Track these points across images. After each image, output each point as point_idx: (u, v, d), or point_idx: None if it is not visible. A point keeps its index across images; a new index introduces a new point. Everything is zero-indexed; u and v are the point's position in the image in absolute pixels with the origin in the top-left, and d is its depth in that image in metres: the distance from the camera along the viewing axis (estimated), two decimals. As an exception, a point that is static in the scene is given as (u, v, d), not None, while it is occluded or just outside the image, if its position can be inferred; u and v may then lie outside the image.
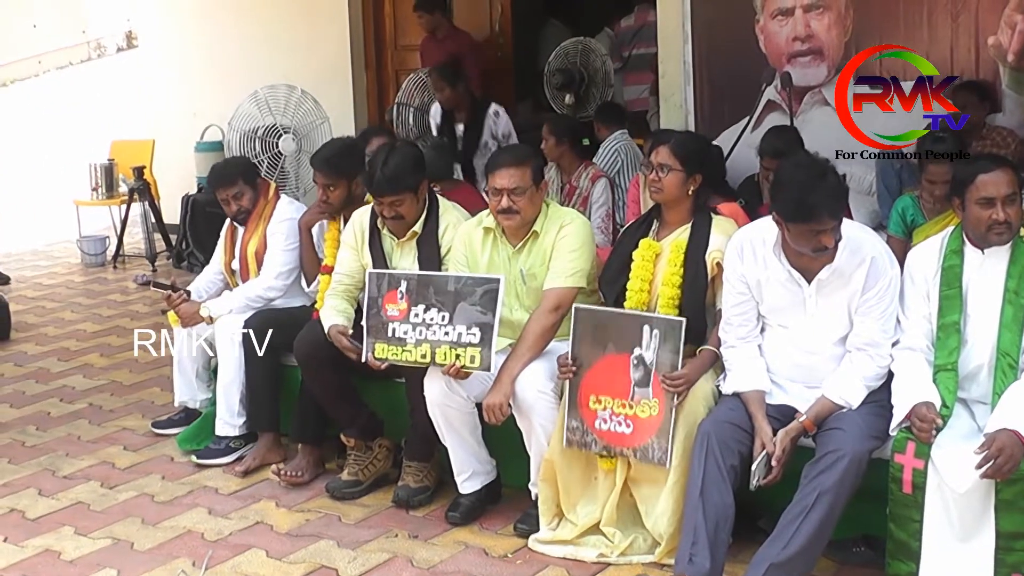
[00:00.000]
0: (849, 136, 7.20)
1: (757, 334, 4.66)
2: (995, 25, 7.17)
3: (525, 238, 5.12)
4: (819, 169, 4.35)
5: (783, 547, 4.17)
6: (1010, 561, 4.02)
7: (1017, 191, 4.29)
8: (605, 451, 4.71)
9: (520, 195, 5.01)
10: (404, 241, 5.40)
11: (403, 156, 5.34)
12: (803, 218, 4.26)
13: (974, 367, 4.33)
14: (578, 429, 4.73)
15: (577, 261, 5.03)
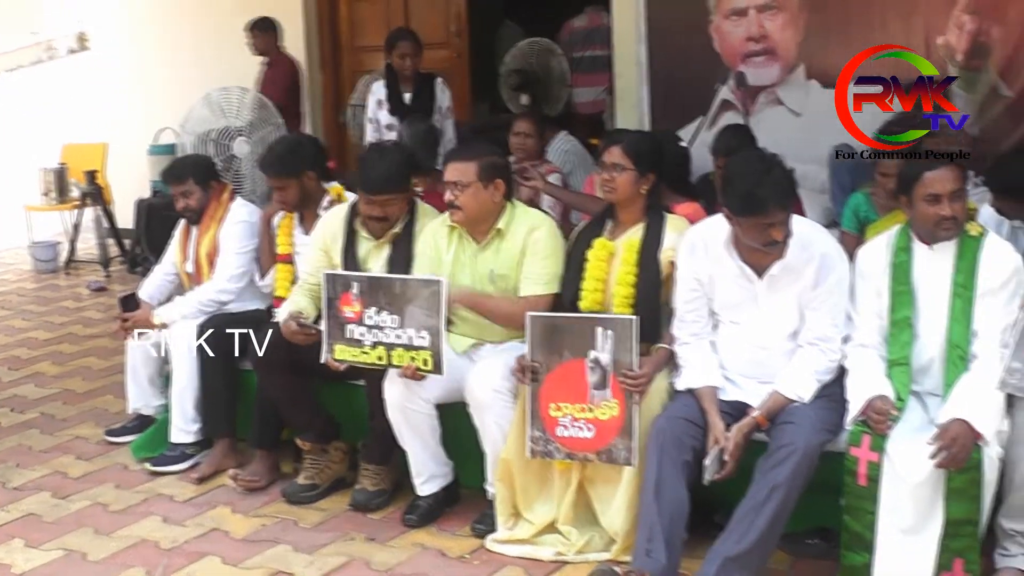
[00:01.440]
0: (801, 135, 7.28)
1: (710, 330, 4.68)
2: (945, 25, 7.22)
3: (489, 236, 5.12)
4: (767, 163, 4.39)
5: (738, 541, 4.20)
6: (954, 547, 4.08)
7: (962, 187, 4.36)
8: (569, 458, 4.71)
9: (462, 190, 5.02)
10: (381, 243, 5.39)
11: (395, 156, 5.36)
12: (752, 211, 4.30)
13: (926, 360, 4.39)
14: (540, 439, 4.72)
15: (553, 266, 5.05)
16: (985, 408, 4.10)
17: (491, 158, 5.15)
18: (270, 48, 10.07)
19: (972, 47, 7.15)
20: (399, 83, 8.30)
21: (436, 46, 10.29)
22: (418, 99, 8.21)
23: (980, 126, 7.15)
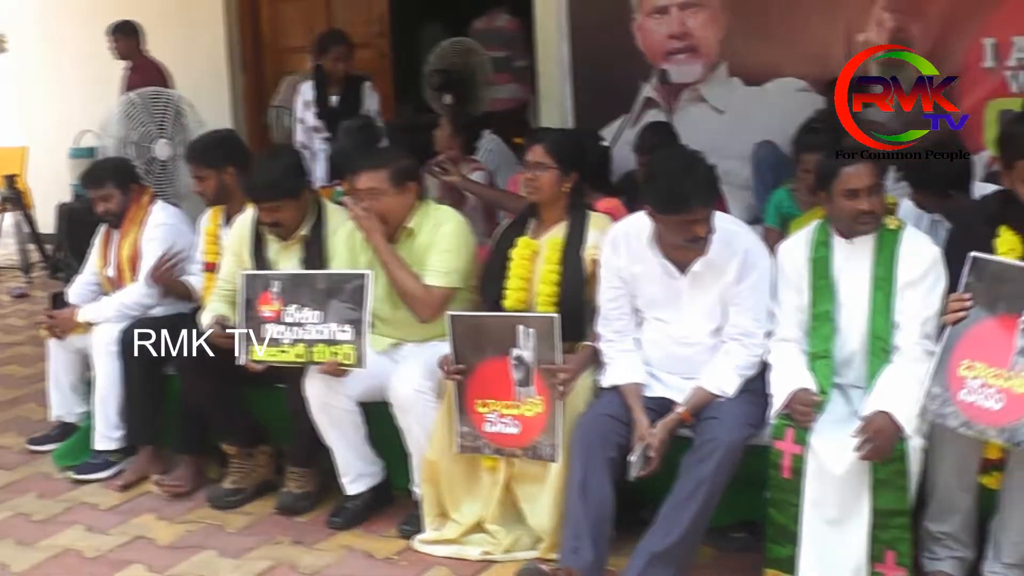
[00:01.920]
0: (724, 132, 7.33)
1: (633, 328, 4.70)
2: (865, 22, 7.31)
3: (400, 237, 5.12)
4: (689, 160, 4.41)
5: (663, 537, 4.22)
6: (884, 538, 4.12)
7: (879, 181, 4.40)
8: (497, 453, 4.72)
9: (376, 198, 5.02)
10: (290, 244, 5.36)
11: (281, 162, 5.32)
12: (675, 208, 4.31)
13: (848, 353, 4.42)
14: (469, 434, 4.73)
15: (453, 260, 5.06)
16: (908, 400, 4.13)
17: (400, 163, 5.15)
18: (132, 52, 9.98)
19: (892, 44, 7.22)
20: (327, 86, 8.27)
21: (359, 47, 10.18)
22: (345, 102, 8.18)
23: (902, 122, 7.21)
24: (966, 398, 3.98)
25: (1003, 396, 3.93)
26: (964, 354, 4.04)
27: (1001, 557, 4.14)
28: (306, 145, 8.36)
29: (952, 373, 4.04)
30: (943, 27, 7.11)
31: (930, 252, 4.36)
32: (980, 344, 4.02)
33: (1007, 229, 4.26)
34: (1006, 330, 3.98)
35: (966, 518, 4.21)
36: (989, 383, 3.95)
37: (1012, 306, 3.99)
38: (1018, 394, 3.90)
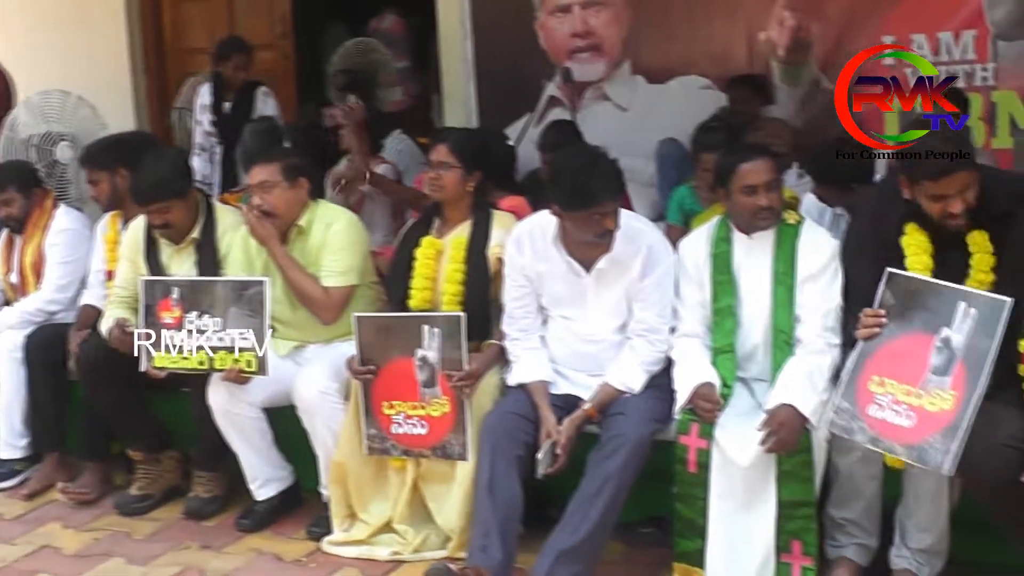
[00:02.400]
0: (628, 130, 7.37)
1: (539, 325, 4.72)
2: (767, 21, 7.37)
3: (292, 235, 5.12)
4: (593, 156, 4.46)
5: (572, 533, 4.24)
6: (790, 528, 4.18)
7: (778, 177, 4.47)
8: (405, 455, 4.73)
9: (268, 191, 5.02)
10: (182, 248, 5.32)
11: (166, 163, 5.28)
12: (583, 204, 4.34)
13: (751, 347, 4.48)
14: (376, 436, 4.73)
15: (348, 258, 5.08)
16: (811, 392, 4.19)
17: (292, 159, 5.19)
18: None
19: (793, 42, 7.30)
20: (223, 92, 8.22)
21: (262, 48, 10.12)
22: (238, 108, 8.16)
23: (803, 119, 7.33)
24: (876, 414, 3.94)
25: (914, 414, 3.87)
26: (875, 370, 3.99)
27: (908, 542, 4.20)
28: (204, 147, 8.33)
29: (862, 388, 3.99)
30: (843, 25, 7.18)
31: (829, 246, 4.43)
32: (892, 361, 3.97)
33: (914, 227, 4.18)
34: (920, 348, 3.91)
35: (870, 504, 4.26)
36: (900, 400, 3.89)
37: (928, 325, 3.92)
38: (930, 412, 3.84)
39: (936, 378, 3.86)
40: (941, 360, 3.86)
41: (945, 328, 3.87)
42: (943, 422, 3.81)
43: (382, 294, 5.20)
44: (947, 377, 3.85)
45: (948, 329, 3.86)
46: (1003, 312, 3.79)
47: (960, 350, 3.82)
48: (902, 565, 4.21)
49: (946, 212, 4.00)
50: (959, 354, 3.83)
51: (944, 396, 3.83)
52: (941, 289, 3.95)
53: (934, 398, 3.85)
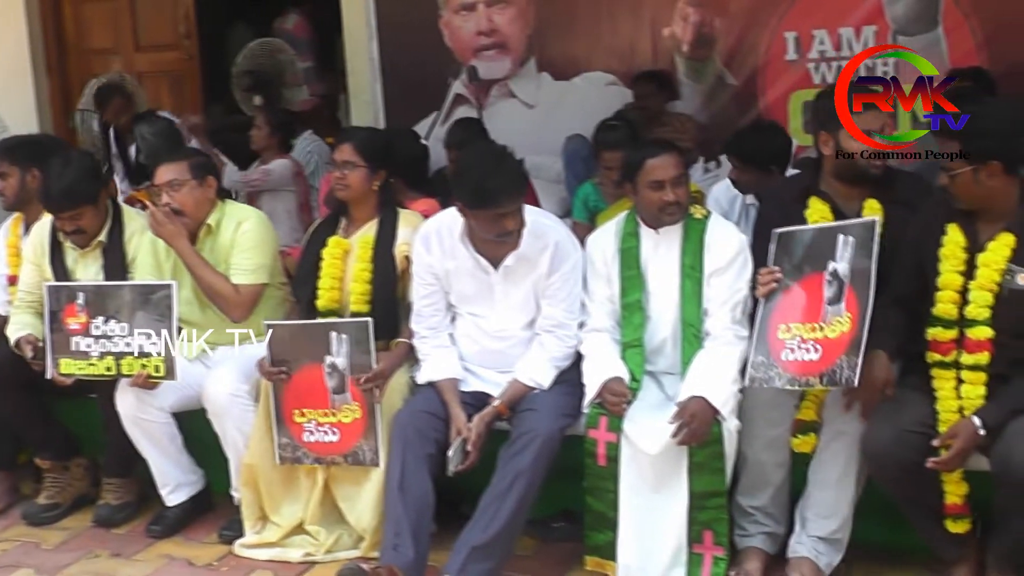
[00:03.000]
0: (535, 127, 7.39)
1: (448, 323, 4.73)
2: (670, 17, 7.44)
3: (201, 235, 5.09)
4: (497, 155, 4.47)
5: (484, 530, 4.25)
6: (702, 519, 4.23)
7: (684, 172, 4.51)
8: (317, 462, 4.71)
9: (177, 189, 4.99)
10: (88, 251, 5.25)
11: (77, 168, 5.17)
12: (485, 203, 4.35)
13: (659, 341, 4.52)
14: (288, 445, 4.71)
15: (258, 257, 5.06)
16: (721, 384, 4.25)
17: (199, 157, 5.18)
18: None
19: (697, 38, 7.40)
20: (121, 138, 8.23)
21: (166, 48, 10.08)
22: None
23: (708, 114, 7.42)
24: (788, 357, 4.15)
25: (819, 346, 4.11)
26: (780, 319, 4.22)
27: (808, 530, 4.26)
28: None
29: (772, 339, 4.21)
30: (746, 21, 7.29)
31: (737, 239, 4.49)
32: (793, 307, 4.22)
33: (816, 199, 4.43)
34: (815, 287, 4.19)
35: (778, 492, 4.34)
36: (806, 338, 4.14)
37: (816, 265, 4.20)
38: (832, 339, 4.09)
39: (832, 307, 4.14)
40: (833, 291, 4.16)
41: (831, 262, 4.15)
42: (845, 343, 4.06)
43: (290, 295, 5.17)
44: (841, 304, 4.13)
45: (833, 262, 4.14)
46: (874, 230, 4.10)
47: (847, 276, 4.13)
48: (802, 552, 4.26)
49: (870, 151, 4.28)
50: (846, 280, 4.13)
51: (842, 320, 4.10)
52: (821, 231, 4.27)
53: (834, 326, 4.11)
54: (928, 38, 6.95)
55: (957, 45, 6.88)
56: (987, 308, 3.98)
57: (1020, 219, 4.01)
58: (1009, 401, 3.92)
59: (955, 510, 4.08)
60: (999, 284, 3.97)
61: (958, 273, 4.04)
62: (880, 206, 4.33)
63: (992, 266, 3.98)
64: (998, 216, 4.02)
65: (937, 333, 4.06)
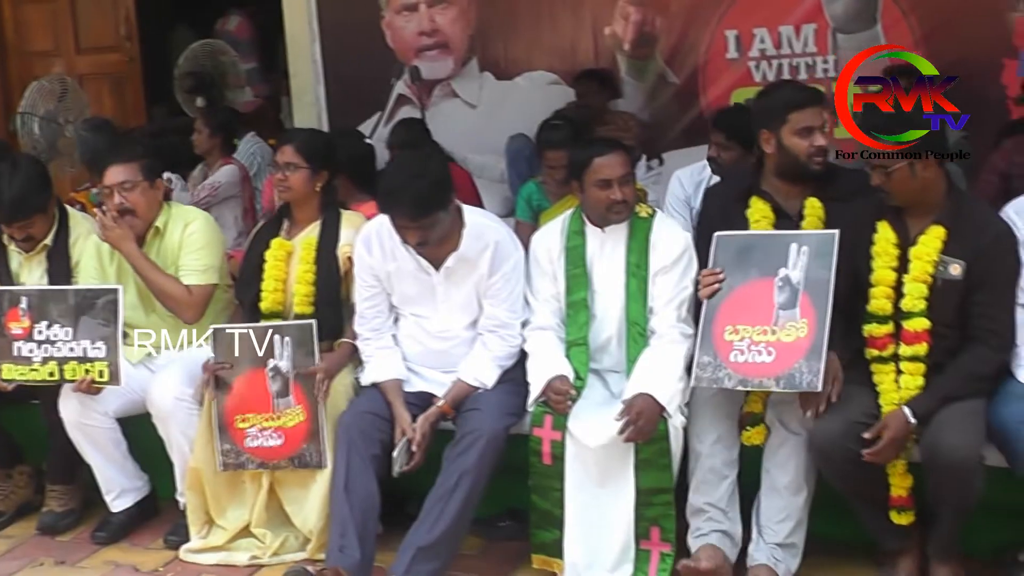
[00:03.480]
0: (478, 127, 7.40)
1: (391, 324, 4.73)
2: (611, 16, 7.48)
3: (149, 237, 5.06)
4: (416, 170, 4.41)
5: (429, 530, 4.26)
6: (649, 515, 4.25)
7: (631, 171, 4.53)
8: (261, 467, 4.70)
9: (130, 190, 4.95)
10: (33, 255, 5.20)
11: (27, 176, 5.11)
12: (387, 211, 4.43)
13: (604, 339, 4.54)
14: (231, 451, 4.69)
15: (207, 257, 5.05)
16: (667, 381, 4.28)
17: (149, 159, 5.13)
18: None
19: (638, 37, 7.44)
20: None
21: (107, 50, 10.04)
22: None
23: (650, 112, 7.46)
24: (737, 359, 4.16)
25: (772, 349, 4.14)
26: (727, 320, 4.22)
27: (764, 538, 4.26)
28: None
29: (718, 340, 4.21)
30: (686, 20, 7.34)
31: (682, 238, 4.51)
32: (740, 309, 4.22)
33: (757, 199, 4.47)
34: (763, 292, 4.20)
35: (730, 488, 4.34)
36: (756, 340, 4.16)
37: (764, 270, 4.22)
38: (787, 343, 4.13)
39: (785, 312, 4.17)
40: (785, 297, 4.19)
41: (782, 269, 4.19)
42: (804, 347, 4.11)
43: (234, 298, 5.15)
44: (795, 309, 4.16)
45: (785, 269, 4.18)
46: (833, 243, 4.15)
47: (801, 283, 4.17)
48: (760, 560, 4.27)
49: (812, 147, 4.34)
50: (801, 286, 4.17)
51: (798, 326, 4.14)
52: (770, 237, 4.32)
53: (788, 331, 4.14)
54: (867, 36, 7.01)
55: (896, 42, 6.93)
56: (922, 300, 4.06)
57: (948, 211, 4.11)
58: (939, 391, 4.01)
59: (900, 502, 4.14)
60: (932, 276, 4.07)
61: (891, 269, 4.12)
62: (821, 204, 4.38)
63: (924, 259, 4.07)
64: (927, 210, 4.11)
65: (873, 329, 4.14)
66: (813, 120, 4.36)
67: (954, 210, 4.12)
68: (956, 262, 4.06)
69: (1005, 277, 4.11)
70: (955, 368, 4.05)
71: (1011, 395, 4.02)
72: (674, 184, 5.61)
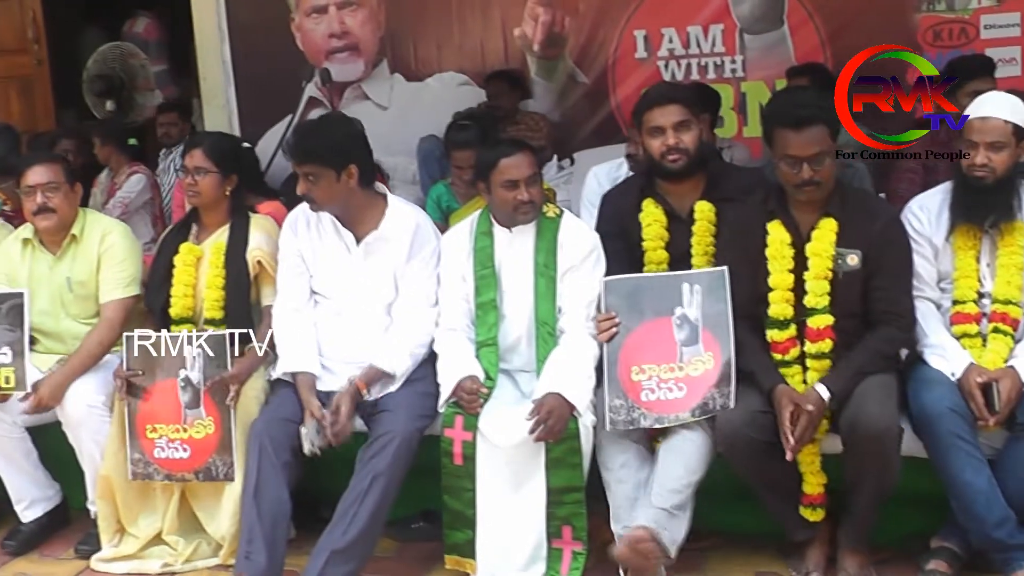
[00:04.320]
0: (389, 129, 7.40)
1: (310, 309, 4.72)
2: (520, 17, 7.52)
3: (64, 244, 5.00)
4: (322, 125, 4.70)
5: (343, 533, 4.27)
6: (560, 514, 4.28)
7: (538, 171, 4.55)
8: (168, 479, 4.67)
9: (54, 191, 4.91)
10: None
11: None
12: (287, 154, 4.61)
13: (514, 339, 4.56)
14: (140, 461, 4.66)
15: (129, 269, 4.99)
16: (577, 380, 4.31)
17: (66, 162, 5.10)
18: None
19: (547, 37, 7.50)
20: None
21: (13, 52, 9.89)
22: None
23: (561, 112, 7.51)
24: (649, 398, 4.26)
25: (683, 384, 4.27)
26: (630, 362, 4.30)
27: (653, 500, 4.25)
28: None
29: (626, 381, 4.29)
30: (595, 20, 7.42)
31: (589, 237, 4.55)
32: (642, 349, 4.32)
33: (650, 201, 4.57)
34: (662, 330, 4.31)
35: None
36: (665, 378, 4.27)
37: (659, 310, 4.33)
38: (696, 376, 4.26)
39: (689, 348, 4.30)
40: (685, 334, 4.31)
41: (678, 308, 4.30)
42: (713, 377, 4.26)
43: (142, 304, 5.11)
44: (698, 344, 4.30)
45: (681, 308, 4.29)
46: (724, 279, 4.27)
47: (699, 319, 4.29)
48: (641, 521, 4.20)
49: (665, 146, 4.43)
50: (700, 323, 4.30)
51: (703, 359, 4.28)
52: (660, 279, 4.41)
53: (695, 365, 4.28)
54: (774, 36, 7.13)
55: (802, 42, 7.07)
56: (825, 296, 4.17)
57: (835, 203, 4.22)
58: (849, 367, 4.12)
59: (813, 500, 4.24)
60: (832, 270, 4.17)
61: (788, 272, 4.22)
62: (711, 205, 4.50)
63: (822, 254, 4.18)
64: (816, 205, 4.21)
65: (774, 334, 4.24)
66: (663, 120, 4.44)
67: (841, 202, 4.23)
68: (853, 252, 4.18)
69: (900, 260, 4.25)
70: (863, 346, 4.16)
71: (928, 381, 4.15)
72: (590, 180, 5.64)
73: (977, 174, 4.16)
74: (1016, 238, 4.22)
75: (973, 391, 4.04)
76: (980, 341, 4.22)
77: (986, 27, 6.84)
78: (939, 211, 4.30)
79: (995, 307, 4.21)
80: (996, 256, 4.24)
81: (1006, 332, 4.19)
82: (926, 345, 4.24)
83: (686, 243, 4.53)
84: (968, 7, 6.86)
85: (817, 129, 4.12)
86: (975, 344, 4.21)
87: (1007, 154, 4.16)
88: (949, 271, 4.29)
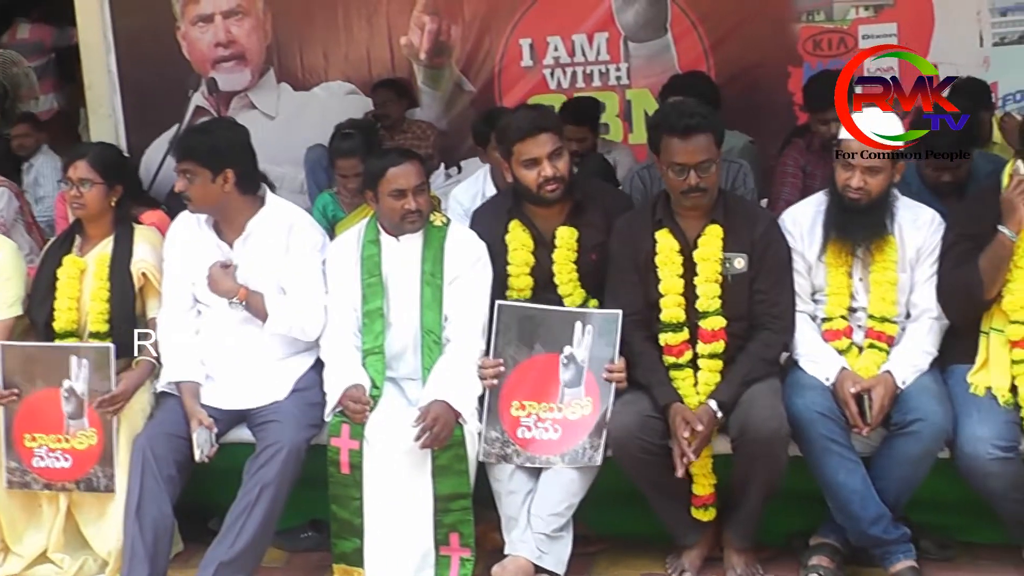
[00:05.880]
0: (276, 138, 7.37)
1: (193, 317, 4.70)
2: (406, 26, 7.55)
3: None
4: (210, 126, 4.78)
5: (231, 544, 4.26)
6: (447, 521, 4.31)
7: (425, 180, 4.59)
8: (47, 488, 4.61)
9: None
10: None
11: None
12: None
13: (400, 347, 4.58)
14: (17, 470, 4.60)
15: (16, 288, 4.90)
16: (463, 388, 4.35)
17: None
18: None
19: (434, 46, 7.55)
20: None
21: None
22: None
23: (448, 120, 7.55)
24: (524, 435, 4.35)
25: (560, 427, 4.36)
26: (512, 396, 4.38)
27: (533, 527, 4.30)
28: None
29: (505, 415, 4.37)
30: (481, 29, 7.48)
31: (476, 246, 4.58)
32: (525, 384, 4.40)
33: (517, 223, 4.60)
34: (548, 367, 4.39)
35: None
36: (543, 417, 4.36)
37: (549, 346, 4.39)
38: (573, 420, 4.35)
39: (571, 391, 4.38)
40: (570, 374, 4.40)
41: (567, 347, 4.37)
42: (588, 425, 4.34)
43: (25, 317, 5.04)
44: (580, 387, 4.38)
45: (570, 347, 4.36)
46: (617, 323, 4.34)
47: (586, 361, 4.35)
48: (521, 551, 4.29)
49: (542, 177, 4.43)
50: (586, 365, 4.36)
51: (583, 403, 4.36)
52: (554, 314, 4.44)
53: (574, 408, 4.37)
54: (658, 44, 7.24)
55: (686, 51, 7.19)
56: (716, 299, 4.27)
57: (719, 209, 4.34)
58: (735, 377, 4.23)
59: (704, 500, 4.32)
60: (721, 274, 4.27)
61: (678, 276, 4.30)
62: (573, 231, 4.54)
63: (711, 259, 4.28)
64: (700, 213, 4.32)
65: (668, 338, 4.32)
66: (537, 151, 4.44)
67: (723, 208, 4.34)
68: (739, 256, 4.30)
69: (780, 263, 4.36)
70: (746, 355, 4.27)
71: (802, 386, 4.24)
72: (452, 204, 5.62)
73: (852, 196, 4.25)
74: (888, 254, 4.32)
75: (847, 400, 4.15)
76: (855, 351, 4.33)
77: (864, 37, 7.00)
78: (811, 226, 4.41)
79: (871, 323, 4.32)
80: (869, 272, 4.34)
81: (881, 348, 4.30)
82: (800, 353, 4.35)
83: (552, 268, 4.57)
84: (847, 17, 7.03)
85: (703, 137, 4.22)
86: (848, 355, 4.32)
87: (883, 177, 4.26)
88: (822, 285, 4.39)
